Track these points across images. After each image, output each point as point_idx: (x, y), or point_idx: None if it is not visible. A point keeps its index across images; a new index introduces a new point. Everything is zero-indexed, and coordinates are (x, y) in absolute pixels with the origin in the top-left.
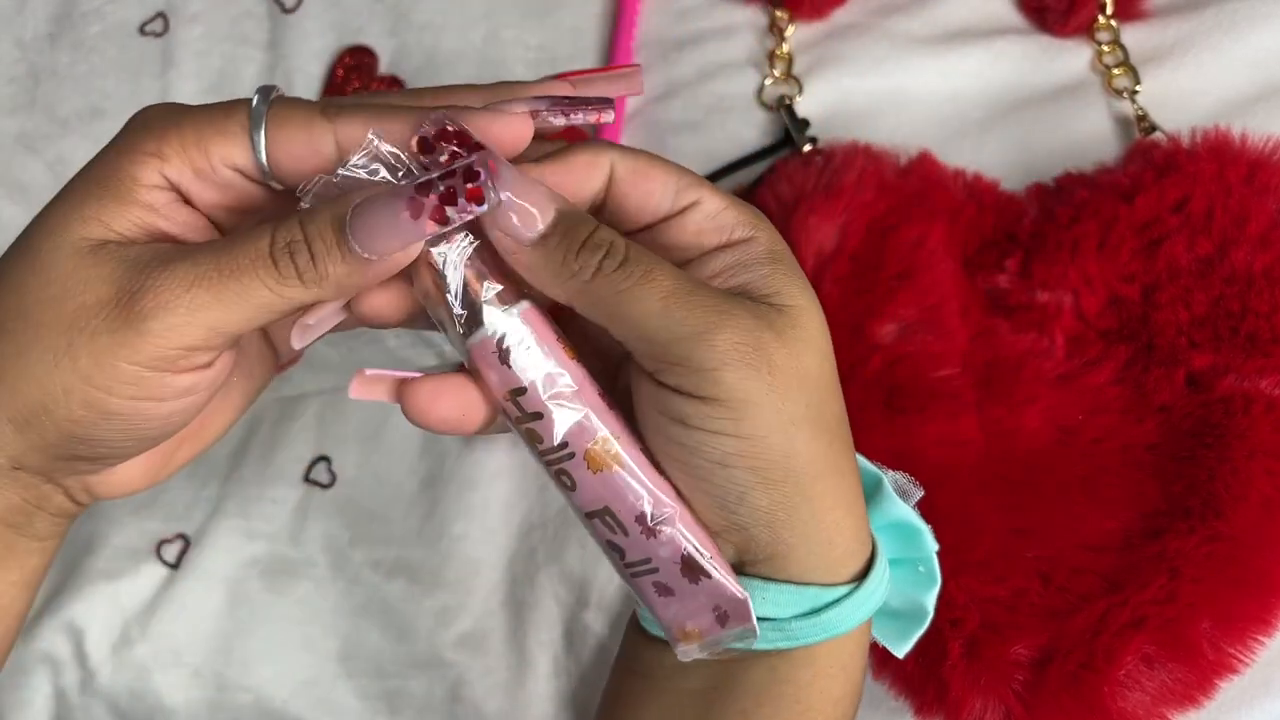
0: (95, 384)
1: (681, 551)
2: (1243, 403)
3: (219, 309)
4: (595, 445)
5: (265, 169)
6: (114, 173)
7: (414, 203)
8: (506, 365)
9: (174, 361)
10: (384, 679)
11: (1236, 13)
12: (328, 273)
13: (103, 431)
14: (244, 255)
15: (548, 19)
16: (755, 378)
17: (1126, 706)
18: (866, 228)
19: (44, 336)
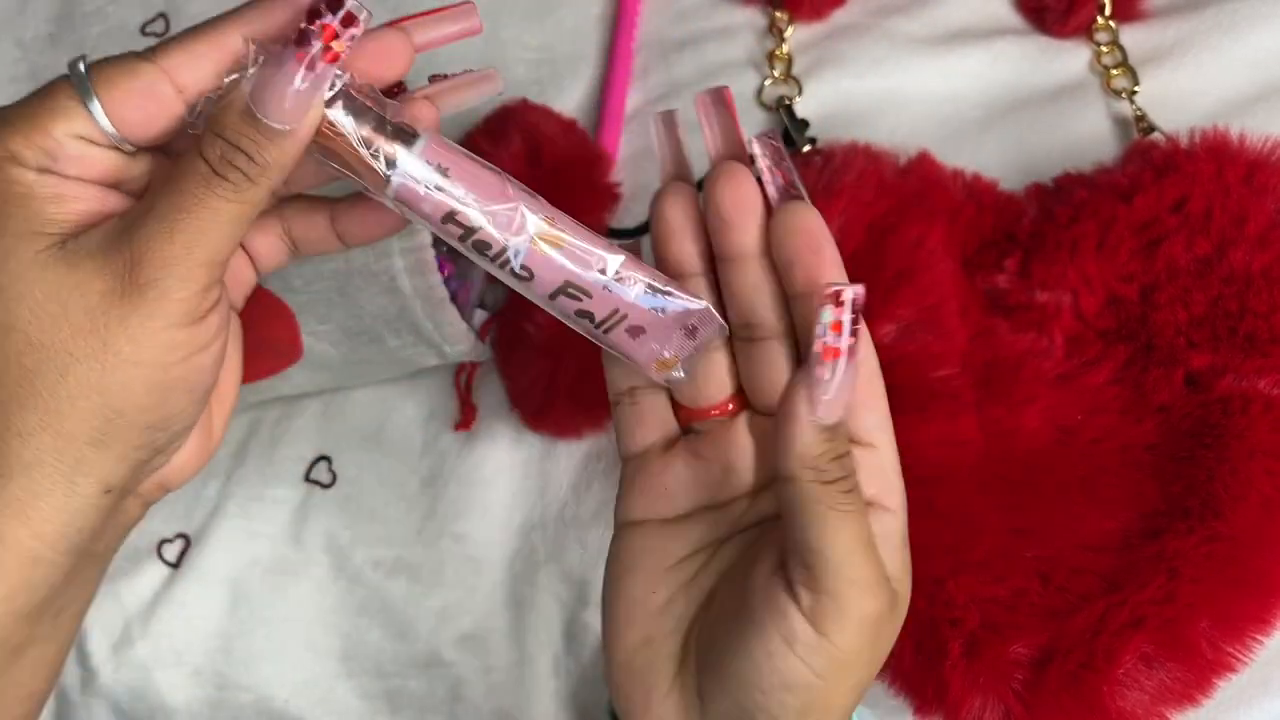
0: (147, 362)
1: (645, 286)
2: (1241, 403)
3: (205, 242)
4: (539, 232)
5: (114, 134)
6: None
7: (303, 58)
8: (434, 193)
9: (199, 308)
10: (384, 679)
11: (1236, 13)
12: (267, 160)
13: (172, 406)
14: (193, 185)
15: (548, 19)
16: (864, 644)
17: (1126, 706)
18: (866, 228)
19: (74, 349)
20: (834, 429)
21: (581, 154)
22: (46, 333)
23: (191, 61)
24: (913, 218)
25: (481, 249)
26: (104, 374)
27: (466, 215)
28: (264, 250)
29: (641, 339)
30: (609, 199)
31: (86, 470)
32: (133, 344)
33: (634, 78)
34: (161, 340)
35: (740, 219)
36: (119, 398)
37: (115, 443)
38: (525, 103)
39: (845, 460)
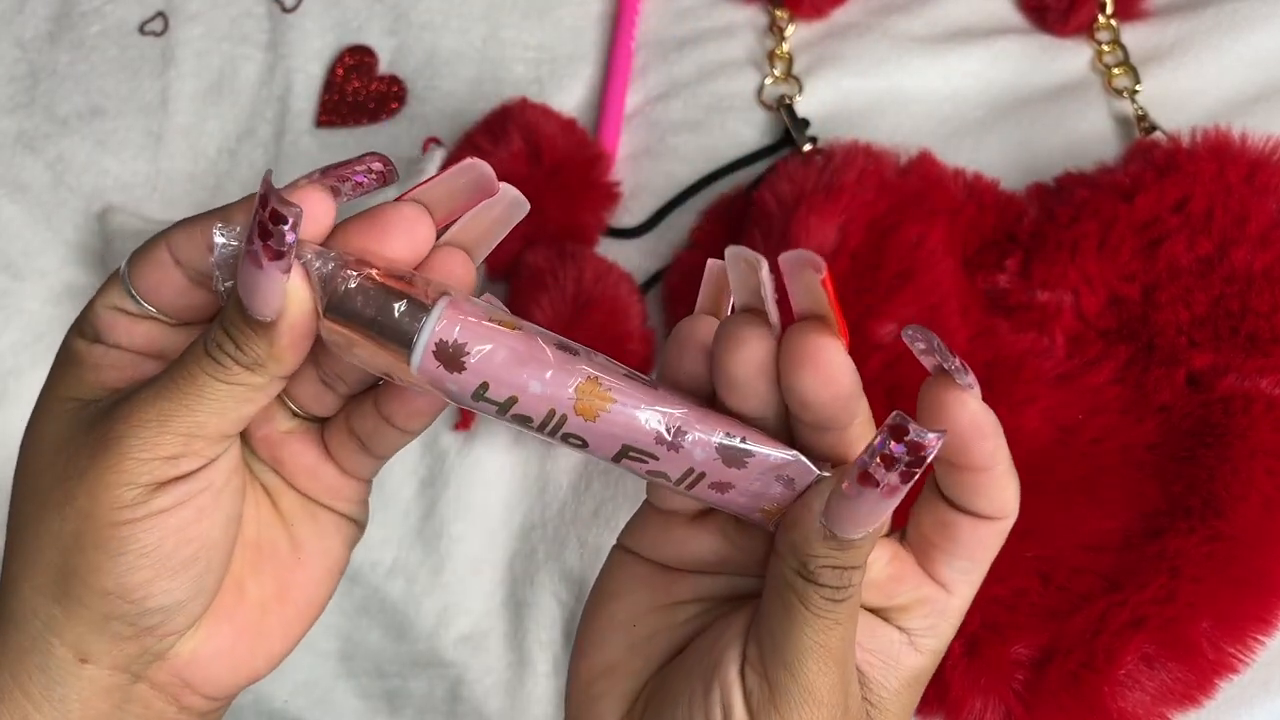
0: (97, 518)
1: (715, 447)
2: (1243, 402)
3: (186, 413)
4: (580, 397)
5: (140, 303)
6: (58, 359)
7: (252, 255)
8: (458, 371)
9: (159, 474)
10: (384, 679)
11: (1236, 13)
12: (255, 350)
13: (126, 569)
14: (190, 361)
15: (548, 19)
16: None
17: (1126, 706)
18: (866, 227)
19: (49, 499)
20: (845, 542)
21: (581, 153)
22: (35, 480)
23: (187, 237)
24: (913, 217)
25: (523, 422)
26: (63, 525)
27: (500, 390)
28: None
29: (732, 493)
30: (608, 198)
31: (57, 631)
32: (87, 496)
33: (634, 77)
34: (113, 496)
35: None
36: (71, 553)
37: (77, 605)
38: (525, 102)
39: (846, 574)
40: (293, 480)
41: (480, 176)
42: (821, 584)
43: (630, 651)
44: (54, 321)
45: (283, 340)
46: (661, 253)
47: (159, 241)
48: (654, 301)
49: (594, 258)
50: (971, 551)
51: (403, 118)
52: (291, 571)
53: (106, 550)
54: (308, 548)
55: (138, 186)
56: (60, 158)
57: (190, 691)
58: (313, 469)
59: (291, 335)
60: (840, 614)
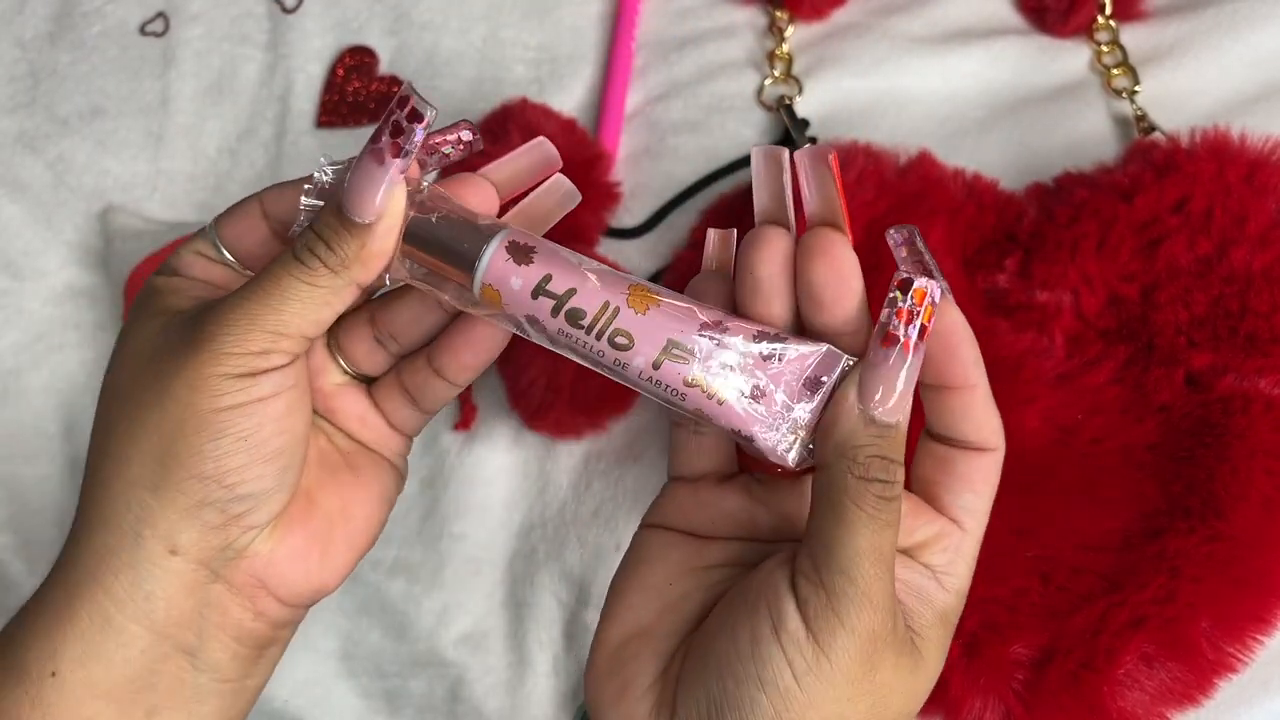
0: (197, 405)
1: (753, 335)
2: (1242, 402)
3: (271, 314)
4: (632, 293)
5: (221, 250)
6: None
7: (375, 152)
8: (527, 264)
9: (253, 365)
10: (384, 678)
11: (1236, 13)
12: (345, 251)
13: (225, 457)
14: (278, 266)
15: (547, 19)
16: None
17: (1126, 706)
18: (866, 227)
19: (144, 398)
20: (886, 428)
21: (581, 153)
22: (130, 385)
23: (279, 193)
24: (913, 217)
25: (575, 319)
26: (161, 415)
27: (561, 281)
28: (394, 410)
29: (764, 401)
30: (609, 198)
31: (151, 522)
32: (186, 387)
33: (634, 77)
34: (211, 385)
35: (834, 300)
36: (173, 440)
37: (173, 491)
38: (525, 102)
39: (892, 467)
40: (343, 426)
41: (545, 155)
42: (872, 477)
43: (664, 612)
44: (54, 321)
45: (375, 242)
46: (661, 253)
47: (252, 198)
48: None
49: (594, 258)
50: (971, 483)
51: None
52: (353, 490)
53: (209, 432)
54: (364, 473)
55: (138, 186)
56: (61, 158)
57: (265, 593)
58: (363, 418)
59: (384, 239)
60: (890, 515)
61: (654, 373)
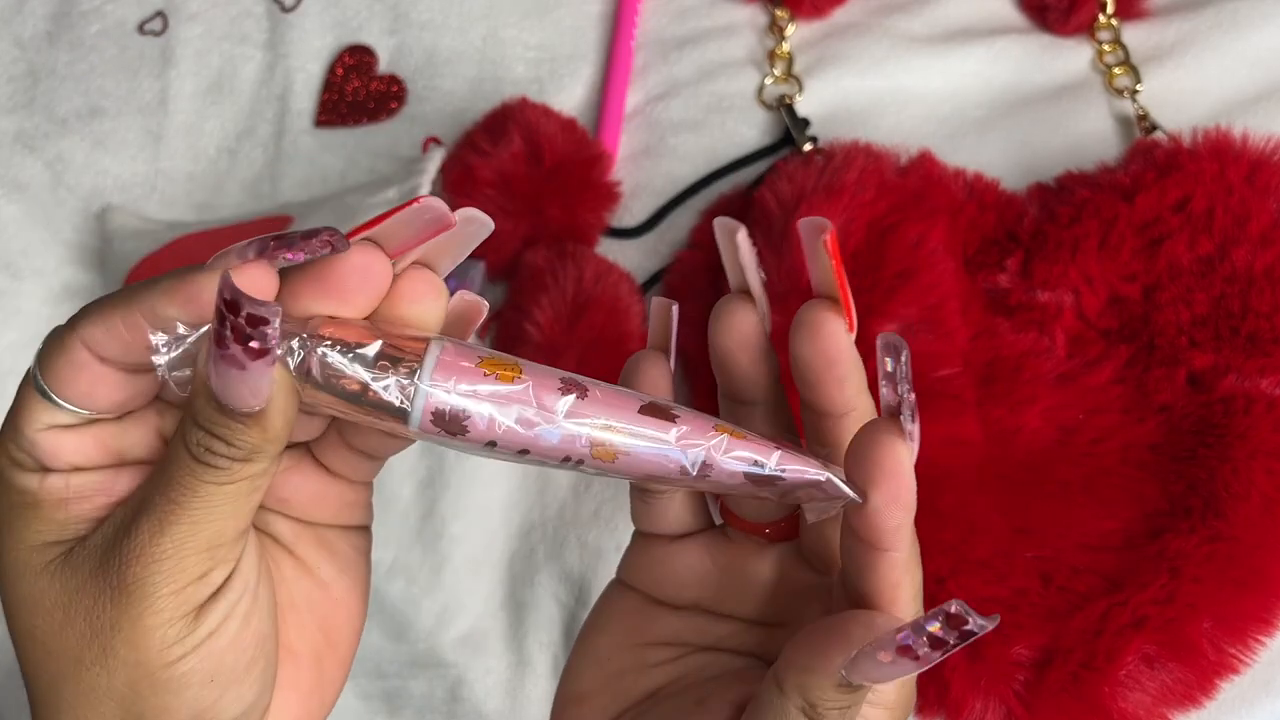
0: (147, 665)
1: (741, 474)
2: (1244, 402)
3: (202, 530)
4: (595, 446)
5: (74, 409)
6: (9, 502)
7: (228, 358)
8: (461, 436)
9: (195, 598)
10: (384, 679)
11: (1236, 12)
12: (247, 442)
13: (195, 700)
14: (181, 474)
15: (547, 18)
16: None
17: (1127, 706)
18: (867, 227)
19: (81, 656)
20: (855, 690)
21: (581, 153)
22: (55, 640)
23: (105, 331)
24: (914, 217)
25: (539, 463)
26: (110, 679)
27: (510, 442)
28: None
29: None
30: (609, 198)
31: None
32: (128, 647)
33: (634, 76)
34: (155, 640)
35: (819, 381)
36: (131, 703)
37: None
38: (525, 101)
39: (851, 712)
40: (301, 514)
41: (436, 217)
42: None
43: (603, 684)
44: (52, 321)
45: (275, 422)
46: (661, 253)
47: (72, 341)
48: None
49: (594, 258)
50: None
51: (402, 117)
52: (330, 613)
53: (169, 691)
54: (337, 584)
55: (137, 186)
56: (59, 157)
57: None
58: (319, 495)
59: (284, 415)
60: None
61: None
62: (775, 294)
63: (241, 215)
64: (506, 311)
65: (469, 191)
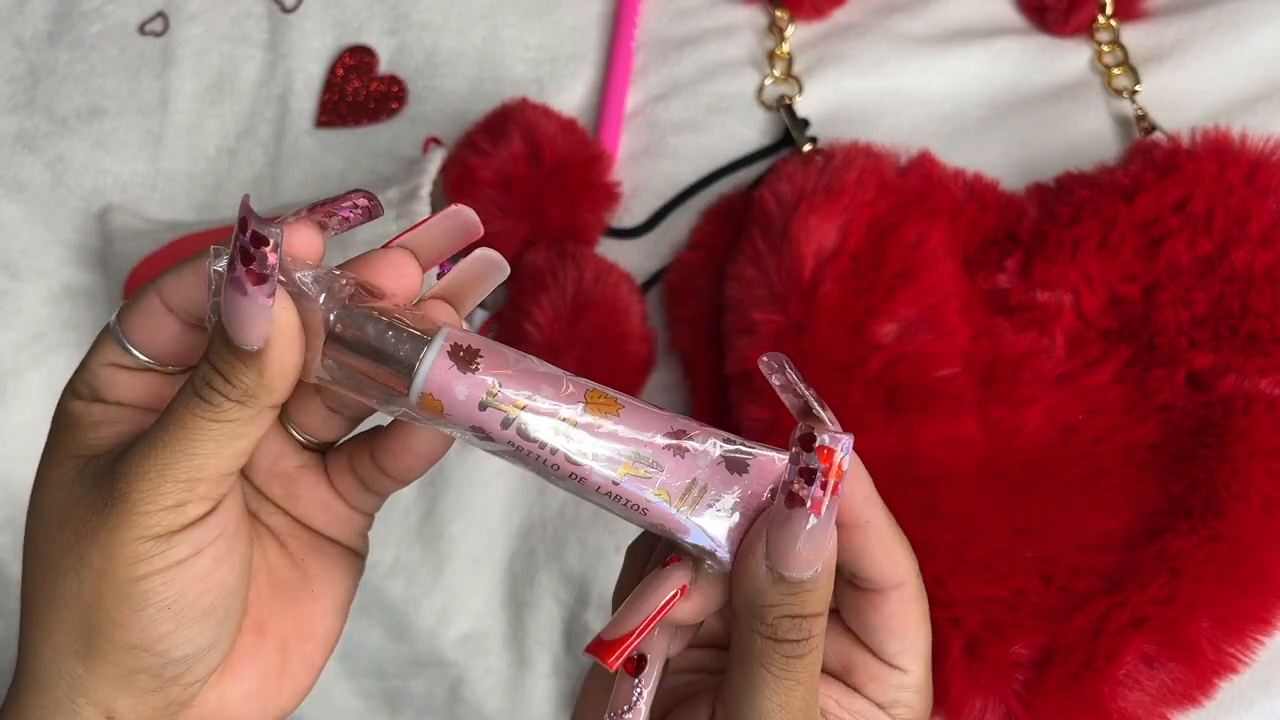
0: (114, 576)
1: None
2: (1243, 402)
3: (183, 460)
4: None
5: (137, 355)
6: (56, 421)
7: (235, 281)
8: (472, 370)
9: (167, 521)
10: (384, 679)
11: (1237, 13)
12: (244, 382)
13: (148, 623)
14: (181, 407)
15: (547, 19)
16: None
17: (1126, 706)
18: (867, 227)
19: (60, 563)
20: (796, 585)
21: (581, 153)
22: (46, 546)
23: (176, 282)
24: (914, 217)
25: (525, 436)
26: (80, 586)
27: (507, 393)
28: (349, 490)
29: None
30: (609, 198)
31: (83, 690)
32: (100, 554)
33: (634, 76)
34: (126, 552)
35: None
36: (93, 611)
37: (102, 663)
38: (525, 102)
39: (804, 623)
40: (305, 515)
41: (465, 221)
42: (781, 638)
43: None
44: (53, 321)
45: (272, 367)
46: (661, 253)
47: (149, 290)
48: (654, 301)
49: (594, 258)
50: (889, 628)
51: (403, 118)
52: (306, 607)
53: (129, 605)
54: (319, 581)
55: (137, 186)
56: (60, 157)
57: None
58: (324, 502)
59: (281, 362)
60: (800, 672)
61: (614, 489)
62: (775, 294)
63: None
64: (506, 311)
65: (469, 192)
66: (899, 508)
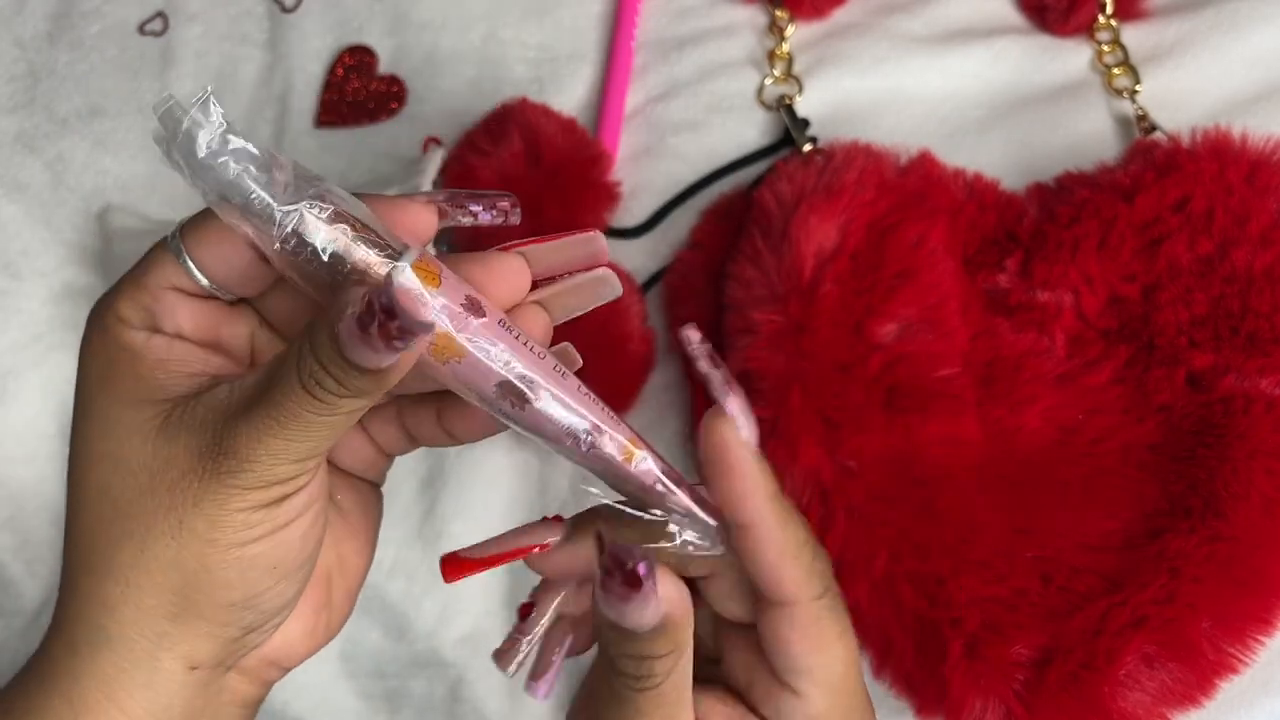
0: (221, 542)
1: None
2: (1243, 402)
3: (292, 449)
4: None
5: (203, 281)
6: (108, 355)
7: (364, 338)
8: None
9: (278, 495)
10: (384, 679)
11: (1237, 13)
12: (357, 386)
13: (255, 585)
14: (286, 397)
15: (547, 18)
16: None
17: (1127, 706)
18: (867, 227)
19: (154, 524)
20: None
21: (581, 153)
22: (133, 503)
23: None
24: (914, 217)
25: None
26: (180, 550)
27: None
28: (388, 440)
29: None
30: (609, 198)
31: (169, 645)
32: (207, 522)
33: (634, 76)
34: (236, 521)
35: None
36: (196, 575)
37: (196, 620)
38: (525, 101)
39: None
40: (335, 457)
41: (596, 250)
42: (620, 670)
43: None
44: (53, 321)
45: (392, 379)
46: (661, 253)
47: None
48: (654, 301)
49: None
50: (782, 647)
51: (403, 118)
52: (345, 540)
53: (237, 568)
54: (353, 515)
55: (137, 186)
56: (60, 157)
57: (274, 668)
58: (355, 447)
59: (402, 373)
60: (645, 704)
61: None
62: (775, 294)
63: None
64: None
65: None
66: (899, 508)
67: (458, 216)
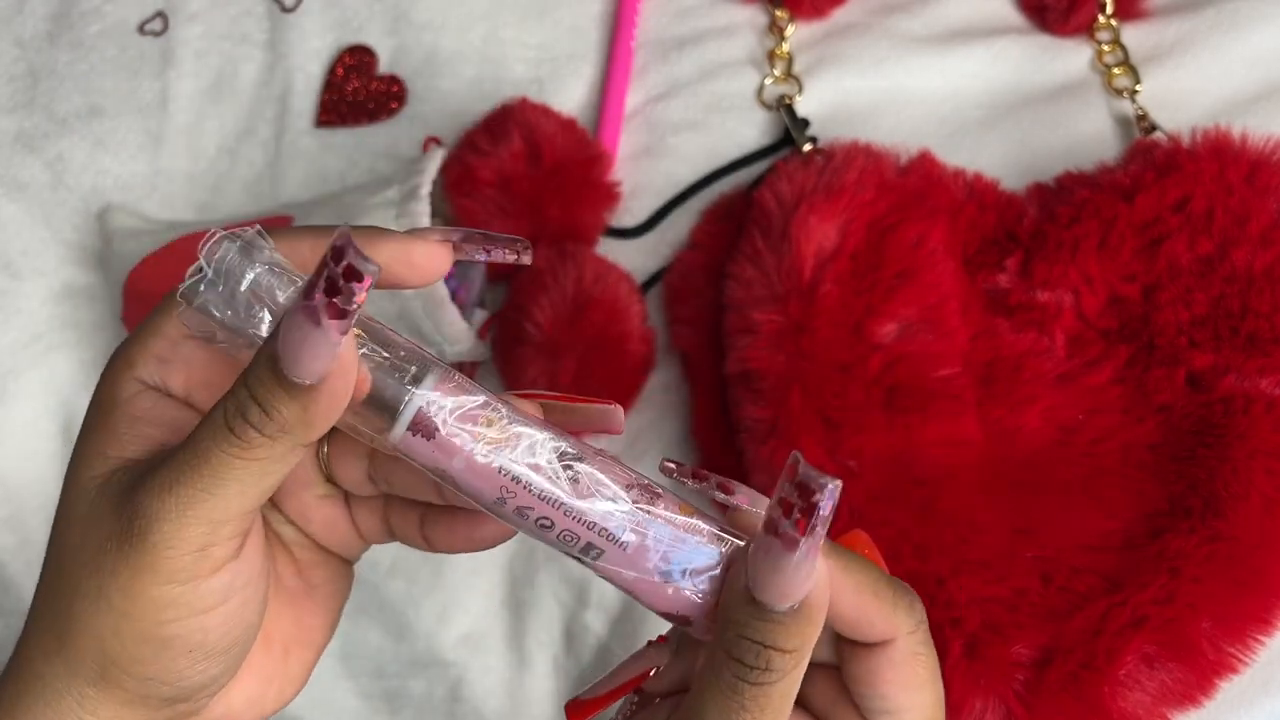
0: (135, 617)
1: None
2: (1243, 402)
3: (206, 500)
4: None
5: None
6: (101, 399)
7: (309, 309)
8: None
9: (193, 567)
10: (384, 679)
11: (1237, 12)
12: (281, 415)
13: (168, 664)
14: (204, 437)
15: (547, 18)
16: None
17: (1127, 706)
18: (867, 227)
19: (80, 586)
20: (766, 611)
21: (581, 153)
22: (69, 558)
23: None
24: (914, 217)
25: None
26: (98, 617)
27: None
28: (369, 529)
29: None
30: (609, 198)
31: (91, 709)
32: (121, 595)
33: (634, 76)
34: (150, 597)
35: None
36: (107, 644)
37: (116, 688)
38: (525, 101)
39: (765, 653)
40: (315, 534)
41: (613, 424)
42: (734, 655)
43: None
44: (53, 321)
45: (320, 403)
46: (661, 253)
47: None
48: (654, 301)
49: (594, 258)
50: (869, 685)
51: (403, 117)
52: (308, 611)
53: (151, 647)
54: (321, 590)
55: (137, 186)
56: (59, 157)
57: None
58: (334, 525)
59: (331, 399)
60: (749, 700)
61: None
62: (775, 294)
63: (241, 215)
64: (506, 311)
65: (469, 191)
66: (899, 508)
67: (472, 254)
